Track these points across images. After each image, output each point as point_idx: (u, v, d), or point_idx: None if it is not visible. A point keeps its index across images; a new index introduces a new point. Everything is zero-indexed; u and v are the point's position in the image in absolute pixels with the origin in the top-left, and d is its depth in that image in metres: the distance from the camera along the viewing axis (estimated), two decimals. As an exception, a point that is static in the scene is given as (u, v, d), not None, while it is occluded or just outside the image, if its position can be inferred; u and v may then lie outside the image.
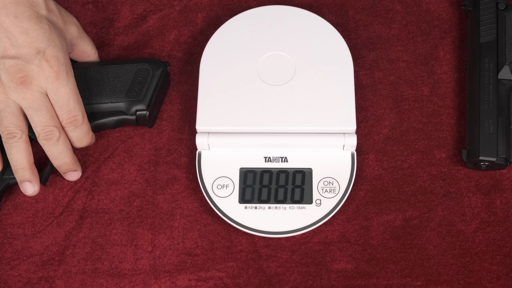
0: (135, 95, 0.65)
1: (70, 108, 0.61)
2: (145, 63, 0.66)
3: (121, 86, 0.65)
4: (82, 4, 0.74)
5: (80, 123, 0.62)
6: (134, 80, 0.66)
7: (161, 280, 0.63)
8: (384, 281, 0.63)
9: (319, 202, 0.64)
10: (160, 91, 0.67)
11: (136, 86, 0.65)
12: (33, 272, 0.63)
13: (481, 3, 0.69)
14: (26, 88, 0.59)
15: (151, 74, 0.66)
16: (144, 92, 0.65)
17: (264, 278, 0.63)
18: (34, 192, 0.63)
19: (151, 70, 0.66)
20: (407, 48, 0.71)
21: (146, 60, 0.67)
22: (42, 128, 0.61)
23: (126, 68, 0.66)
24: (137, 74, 0.66)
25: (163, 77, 0.67)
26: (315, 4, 0.73)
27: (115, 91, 0.65)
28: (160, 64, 0.67)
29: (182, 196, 0.66)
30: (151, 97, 0.65)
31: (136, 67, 0.66)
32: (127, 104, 0.65)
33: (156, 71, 0.66)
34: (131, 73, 0.66)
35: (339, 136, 0.64)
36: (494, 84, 0.66)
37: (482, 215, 0.64)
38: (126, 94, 0.65)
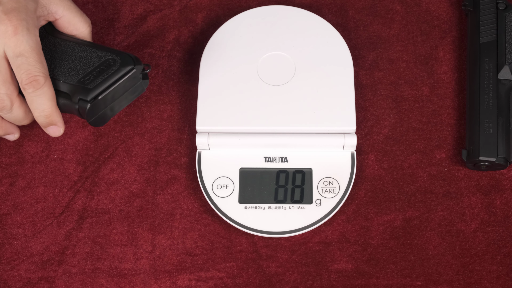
0: (87, 82, 0.58)
1: (30, 66, 0.55)
2: (117, 56, 0.60)
3: (81, 69, 0.59)
4: (82, 4, 0.74)
5: (41, 84, 0.56)
6: (97, 67, 0.59)
7: (161, 280, 0.63)
8: (384, 281, 0.63)
9: (319, 202, 0.64)
10: (120, 90, 0.60)
11: (94, 74, 0.59)
12: (33, 272, 0.63)
13: (481, 3, 0.69)
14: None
15: (114, 68, 0.59)
16: (98, 82, 0.58)
17: (264, 278, 0.63)
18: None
19: (118, 63, 0.59)
20: (407, 48, 0.71)
21: (121, 53, 0.60)
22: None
23: (96, 53, 0.60)
24: (103, 63, 0.59)
25: (129, 77, 0.60)
26: (315, 4, 0.73)
27: (73, 72, 0.59)
28: (132, 62, 0.60)
29: (182, 196, 0.66)
30: (102, 91, 0.58)
31: (106, 56, 0.60)
32: (74, 89, 0.58)
33: (123, 66, 0.59)
34: (98, 59, 0.60)
35: (339, 136, 0.64)
36: (494, 84, 0.66)
37: (482, 215, 0.64)
38: (79, 78, 0.58)
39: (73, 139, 0.68)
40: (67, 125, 0.68)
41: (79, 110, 0.58)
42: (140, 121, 0.69)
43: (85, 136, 0.68)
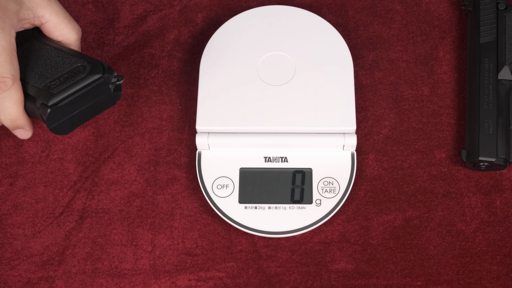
0: (52, 87, 0.56)
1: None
2: (89, 63, 0.57)
3: (51, 73, 0.57)
4: (82, 4, 0.74)
5: (8, 86, 0.54)
6: (66, 73, 0.57)
7: (161, 280, 0.63)
8: (384, 281, 0.63)
9: (319, 202, 0.64)
10: (85, 99, 0.57)
11: (61, 79, 0.56)
12: (33, 272, 0.63)
13: (481, 3, 0.69)
14: None
15: (82, 75, 0.56)
16: (62, 88, 0.56)
17: (264, 278, 0.63)
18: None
19: (87, 71, 0.57)
20: (407, 48, 0.71)
21: (94, 62, 0.58)
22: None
23: (70, 59, 0.58)
24: (73, 69, 0.57)
25: (96, 86, 0.57)
26: (315, 4, 0.73)
27: (43, 76, 0.57)
28: (101, 71, 0.57)
29: (182, 196, 0.66)
30: (65, 98, 0.55)
31: (78, 62, 0.57)
32: (38, 92, 0.56)
33: (91, 74, 0.56)
34: (69, 65, 0.57)
35: (339, 136, 0.64)
36: (494, 84, 0.66)
37: (482, 215, 0.64)
38: (47, 83, 0.56)
39: (73, 139, 0.68)
40: (67, 125, 0.68)
41: (41, 114, 0.56)
42: (140, 121, 0.69)
43: (85, 136, 0.68)
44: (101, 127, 0.69)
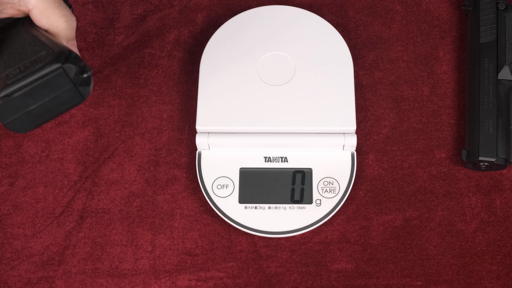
0: (11, 76, 0.49)
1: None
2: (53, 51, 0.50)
3: (15, 61, 0.51)
4: (82, 4, 0.74)
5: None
6: (28, 61, 0.50)
7: (161, 280, 0.63)
8: (384, 281, 0.63)
9: (319, 202, 0.64)
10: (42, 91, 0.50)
11: (21, 68, 0.50)
12: (33, 272, 0.63)
13: (481, 3, 0.69)
14: None
15: (41, 64, 0.49)
16: (17, 78, 0.49)
17: (264, 278, 0.63)
18: None
19: (47, 60, 0.49)
20: (407, 48, 0.71)
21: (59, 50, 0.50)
22: None
23: (37, 47, 0.51)
24: (36, 58, 0.50)
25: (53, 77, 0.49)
26: (315, 4, 0.73)
27: (8, 64, 0.51)
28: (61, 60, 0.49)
29: (182, 196, 0.66)
30: (19, 89, 0.49)
31: (44, 50, 0.50)
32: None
33: (50, 64, 0.49)
34: (35, 53, 0.51)
35: (339, 136, 0.64)
36: (494, 84, 0.66)
37: (482, 215, 0.64)
38: (7, 72, 0.50)
39: (73, 139, 0.68)
40: (67, 125, 0.68)
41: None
42: (140, 121, 0.69)
43: (85, 136, 0.68)
44: (101, 127, 0.69)
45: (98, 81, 0.70)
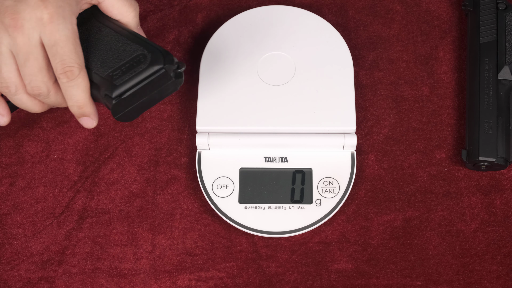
0: (115, 78, 0.55)
1: (65, 57, 0.53)
2: (149, 52, 0.56)
3: (112, 61, 0.56)
4: (82, 4, 0.74)
5: (75, 75, 0.54)
6: (127, 62, 0.56)
7: (161, 280, 0.63)
8: (384, 281, 0.63)
9: (319, 202, 0.64)
10: (148, 89, 0.56)
11: (123, 70, 0.56)
12: (33, 272, 0.63)
13: (481, 3, 0.69)
14: (17, 32, 0.53)
15: (143, 66, 0.56)
16: (124, 80, 0.55)
17: (264, 278, 0.63)
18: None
19: (148, 61, 0.56)
20: (407, 48, 0.71)
21: (154, 50, 0.57)
22: (29, 81, 0.54)
23: (130, 46, 0.57)
24: (135, 58, 0.56)
25: (158, 76, 0.56)
26: (315, 4, 0.73)
27: (105, 63, 0.56)
28: (162, 62, 0.56)
29: (182, 196, 0.66)
30: (128, 89, 0.55)
31: (139, 50, 0.57)
32: (102, 82, 0.56)
33: (152, 65, 0.56)
34: (130, 53, 0.57)
35: (339, 136, 0.64)
36: (494, 84, 0.66)
37: (482, 215, 0.64)
38: (109, 72, 0.56)
39: (73, 139, 0.68)
40: (67, 125, 0.68)
41: (106, 103, 0.56)
42: (140, 121, 0.69)
43: (85, 136, 0.68)
44: (101, 127, 0.69)
45: (98, 81, 0.70)
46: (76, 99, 0.56)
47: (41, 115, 0.69)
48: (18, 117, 0.69)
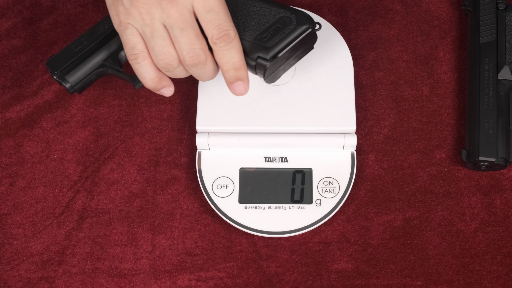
0: (265, 40, 0.57)
1: (221, 21, 0.54)
2: (293, 14, 0.58)
3: (256, 26, 0.58)
4: (82, 4, 0.74)
5: (231, 38, 0.55)
6: (272, 24, 0.58)
7: (161, 280, 0.63)
8: (384, 281, 0.63)
9: (319, 202, 0.64)
10: (294, 50, 0.58)
11: (270, 32, 0.58)
12: (33, 272, 0.63)
13: (481, 3, 0.69)
14: (171, 3, 0.53)
15: (291, 26, 0.57)
16: (276, 41, 0.57)
17: (264, 278, 0.63)
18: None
19: (294, 22, 0.58)
20: (407, 48, 0.71)
21: (295, 11, 0.58)
22: (187, 51, 0.55)
23: (269, 10, 0.58)
24: (278, 21, 0.58)
25: (305, 36, 0.58)
26: (315, 4, 0.73)
27: (247, 28, 0.58)
28: (306, 21, 0.58)
29: (182, 196, 0.66)
30: (280, 50, 0.57)
31: (281, 13, 0.58)
32: (251, 46, 0.57)
33: (299, 25, 0.57)
34: (272, 16, 0.58)
35: (339, 136, 0.64)
36: (494, 84, 0.66)
37: (482, 215, 0.64)
38: (256, 36, 0.57)
39: (73, 139, 0.68)
40: (67, 125, 0.68)
41: (256, 67, 0.58)
42: (140, 121, 0.69)
43: (85, 136, 0.68)
44: (101, 127, 0.69)
45: (98, 81, 0.70)
46: (234, 61, 0.56)
47: (41, 115, 0.69)
48: (18, 117, 0.69)
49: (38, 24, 0.73)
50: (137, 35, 0.55)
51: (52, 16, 0.73)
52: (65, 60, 0.59)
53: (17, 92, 0.70)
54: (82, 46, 0.60)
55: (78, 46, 0.60)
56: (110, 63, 0.60)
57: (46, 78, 0.70)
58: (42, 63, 0.71)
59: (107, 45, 0.60)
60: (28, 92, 0.70)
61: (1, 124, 0.69)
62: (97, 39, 0.60)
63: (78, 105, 0.69)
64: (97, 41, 0.60)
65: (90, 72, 0.60)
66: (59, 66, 0.59)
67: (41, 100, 0.70)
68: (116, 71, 0.60)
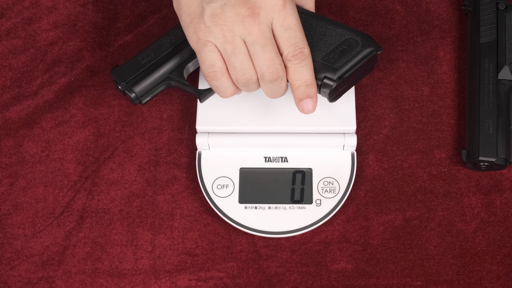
0: (332, 61, 0.59)
1: (297, 40, 0.56)
2: (358, 36, 0.60)
3: (323, 46, 0.60)
4: (82, 4, 0.74)
5: (305, 56, 0.57)
6: (338, 46, 0.60)
7: (161, 280, 0.63)
8: (384, 281, 0.63)
9: (319, 202, 0.64)
10: (358, 71, 0.60)
11: (337, 53, 0.59)
12: (33, 272, 0.63)
13: (481, 3, 0.69)
14: (253, 21, 0.55)
15: (357, 49, 0.59)
16: (343, 62, 0.59)
17: (264, 278, 0.63)
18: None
19: (360, 44, 0.60)
20: (407, 48, 0.71)
21: (359, 33, 0.60)
22: (267, 67, 0.56)
23: (336, 31, 0.60)
24: (344, 42, 0.60)
25: (368, 58, 0.60)
26: (315, 4, 0.73)
27: (315, 48, 0.60)
28: (371, 44, 0.60)
29: (182, 196, 0.66)
30: (346, 71, 0.59)
31: (347, 35, 0.60)
32: (318, 65, 0.59)
33: (365, 48, 0.60)
34: (339, 37, 0.60)
35: (339, 136, 0.64)
36: (494, 84, 0.66)
37: (482, 215, 0.64)
38: (323, 56, 0.59)
39: (73, 139, 0.68)
40: (67, 125, 0.68)
41: (321, 86, 0.59)
42: (140, 121, 0.69)
43: (85, 136, 0.68)
44: (101, 127, 0.69)
45: (98, 81, 0.70)
46: (306, 78, 0.58)
47: (41, 115, 0.69)
48: (18, 117, 0.69)
49: (38, 24, 0.73)
50: (216, 52, 0.56)
51: (52, 16, 0.73)
52: (132, 72, 0.61)
53: (17, 92, 0.70)
54: (149, 58, 0.62)
55: (145, 58, 0.62)
56: (175, 76, 0.62)
57: (46, 78, 0.70)
58: (42, 63, 0.71)
59: (173, 58, 0.62)
60: (28, 92, 0.70)
61: (1, 124, 0.69)
62: (164, 52, 0.62)
63: (78, 105, 0.69)
64: (164, 54, 0.62)
65: (156, 84, 0.62)
66: (126, 78, 0.61)
67: (41, 100, 0.70)
68: (182, 84, 0.62)
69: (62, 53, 0.72)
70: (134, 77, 0.61)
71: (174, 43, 0.62)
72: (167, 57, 0.62)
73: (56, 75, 0.71)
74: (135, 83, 0.61)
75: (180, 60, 0.62)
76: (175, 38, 0.62)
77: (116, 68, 0.62)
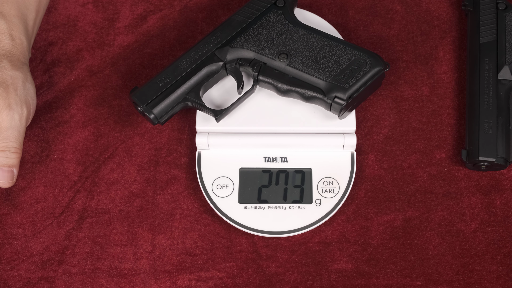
0: (342, 81, 0.61)
1: None
2: (367, 56, 0.62)
3: (333, 66, 0.62)
4: (82, 4, 0.74)
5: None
6: (348, 66, 0.62)
7: (161, 280, 0.63)
8: (384, 281, 0.63)
9: (319, 202, 0.64)
10: (367, 90, 0.62)
11: (347, 73, 0.62)
12: (33, 272, 0.64)
13: (481, 3, 0.69)
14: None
15: (366, 69, 0.62)
16: (352, 82, 0.61)
17: (264, 278, 0.63)
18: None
19: (369, 64, 0.62)
20: (407, 48, 0.71)
21: (368, 53, 0.63)
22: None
23: (345, 51, 0.63)
24: (354, 62, 0.62)
25: (377, 77, 0.62)
26: (315, 4, 0.73)
27: (325, 68, 0.62)
28: (380, 63, 0.62)
29: (182, 196, 0.66)
30: (356, 91, 0.61)
31: (356, 55, 0.63)
32: (329, 86, 0.62)
33: (373, 67, 0.62)
34: (348, 57, 0.63)
35: (339, 136, 0.64)
36: (494, 84, 0.66)
37: (482, 215, 0.64)
38: (334, 76, 0.62)
39: (73, 139, 0.68)
40: (67, 125, 0.69)
41: (332, 105, 0.62)
42: (140, 121, 0.69)
43: (85, 136, 0.68)
44: (101, 127, 0.69)
45: (98, 81, 0.70)
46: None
47: (41, 115, 0.69)
48: (18, 117, 0.69)
49: (38, 24, 0.73)
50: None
51: (52, 16, 0.73)
52: (150, 94, 0.63)
53: (17, 92, 0.70)
54: (167, 81, 0.63)
55: (162, 81, 0.63)
56: (192, 97, 0.63)
57: (46, 78, 0.70)
58: (42, 63, 0.71)
59: (190, 79, 0.63)
60: (28, 92, 0.70)
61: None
62: (181, 74, 0.63)
63: (78, 105, 0.69)
64: (181, 76, 0.63)
65: (174, 106, 0.63)
66: (145, 100, 0.63)
67: (41, 100, 0.70)
68: (198, 104, 0.63)
69: (62, 53, 0.72)
70: (153, 100, 0.63)
71: (190, 65, 0.64)
72: (184, 79, 0.63)
73: (56, 75, 0.71)
74: (154, 105, 0.62)
75: (197, 82, 0.64)
76: (190, 60, 0.64)
77: (135, 90, 0.63)
